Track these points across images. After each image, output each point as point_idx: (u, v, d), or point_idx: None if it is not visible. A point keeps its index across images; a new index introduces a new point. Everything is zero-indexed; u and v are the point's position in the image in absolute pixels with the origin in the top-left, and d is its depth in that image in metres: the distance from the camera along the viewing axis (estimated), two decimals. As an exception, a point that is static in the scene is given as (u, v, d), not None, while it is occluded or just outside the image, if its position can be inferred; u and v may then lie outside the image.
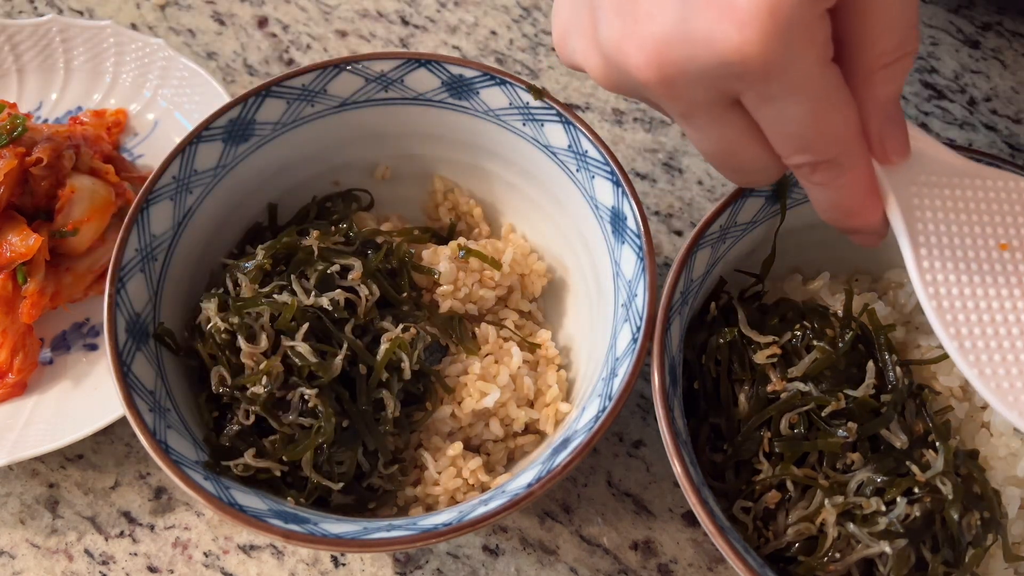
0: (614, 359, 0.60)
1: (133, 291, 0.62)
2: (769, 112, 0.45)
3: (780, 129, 0.46)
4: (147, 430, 0.56)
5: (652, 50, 0.44)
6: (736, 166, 0.51)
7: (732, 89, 0.44)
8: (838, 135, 0.46)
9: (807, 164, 0.47)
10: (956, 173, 0.51)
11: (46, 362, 0.77)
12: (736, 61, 0.41)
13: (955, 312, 0.48)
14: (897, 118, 0.49)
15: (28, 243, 0.74)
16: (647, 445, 0.75)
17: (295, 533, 0.54)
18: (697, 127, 0.48)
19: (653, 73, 0.45)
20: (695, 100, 0.46)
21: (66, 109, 0.91)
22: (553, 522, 0.72)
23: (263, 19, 0.99)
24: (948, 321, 0.48)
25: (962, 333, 0.48)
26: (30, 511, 0.73)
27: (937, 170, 0.51)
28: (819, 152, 0.46)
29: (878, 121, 0.48)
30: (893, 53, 0.46)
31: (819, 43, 0.42)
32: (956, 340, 0.48)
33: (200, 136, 0.66)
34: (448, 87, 0.70)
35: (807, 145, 0.46)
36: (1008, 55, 0.96)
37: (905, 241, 0.49)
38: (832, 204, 0.51)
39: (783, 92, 0.43)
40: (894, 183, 0.50)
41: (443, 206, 0.78)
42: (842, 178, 0.48)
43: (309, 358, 0.61)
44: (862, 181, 0.49)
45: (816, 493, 0.58)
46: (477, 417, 0.67)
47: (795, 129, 0.45)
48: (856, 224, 0.52)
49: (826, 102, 0.44)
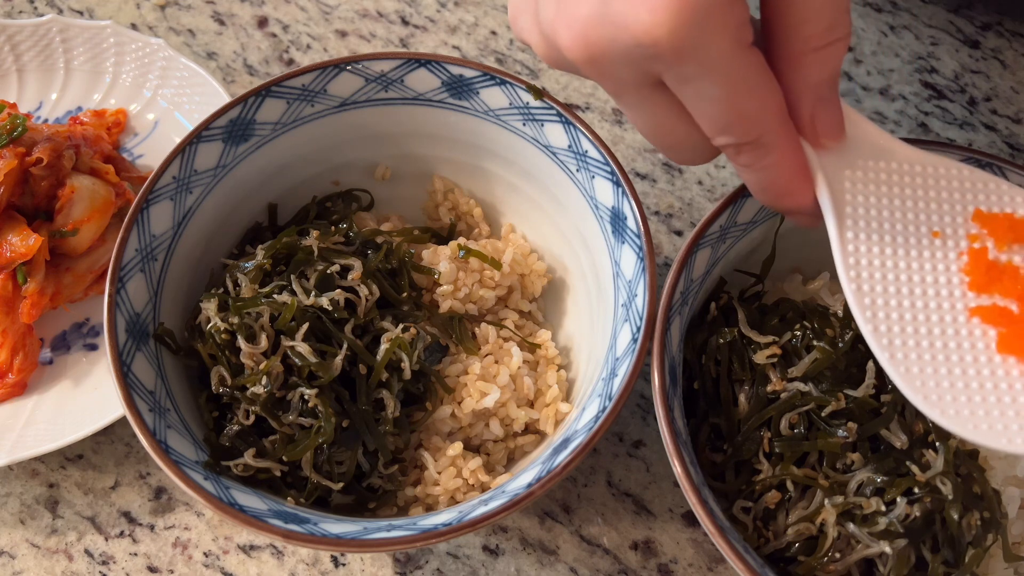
0: (614, 359, 0.60)
1: (133, 291, 0.62)
2: (688, 93, 0.46)
3: (700, 110, 0.47)
4: (147, 430, 0.56)
5: (578, 31, 0.46)
6: (669, 144, 0.52)
7: (652, 70, 0.46)
8: (756, 117, 0.47)
9: (731, 145, 0.48)
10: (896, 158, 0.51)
11: (46, 362, 0.77)
12: (648, 43, 0.43)
13: (875, 296, 0.48)
14: (830, 101, 0.49)
15: (28, 243, 0.74)
16: (647, 445, 0.75)
17: (295, 533, 0.54)
18: (628, 105, 0.50)
19: (580, 53, 0.47)
20: (622, 79, 0.48)
21: (66, 109, 0.91)
22: (553, 522, 0.72)
23: (263, 19, 0.99)
24: (866, 304, 0.48)
25: (879, 317, 0.48)
26: (30, 511, 0.73)
27: (876, 155, 0.51)
28: (739, 134, 0.47)
29: (809, 104, 0.49)
30: (822, 37, 0.47)
31: (732, 26, 0.44)
32: (871, 323, 0.48)
33: (200, 136, 0.66)
34: (448, 87, 0.70)
35: (727, 126, 0.47)
36: (1008, 55, 0.96)
37: (831, 223, 0.50)
38: (761, 185, 0.52)
39: (697, 74, 0.45)
40: (826, 166, 0.50)
41: (443, 206, 0.78)
42: (766, 159, 0.49)
43: (309, 358, 0.61)
44: (788, 163, 0.50)
45: (816, 493, 0.58)
46: (477, 417, 0.67)
47: (713, 110, 0.47)
48: (787, 205, 0.52)
49: (742, 84, 0.45)
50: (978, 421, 0.46)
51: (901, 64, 0.95)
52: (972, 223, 0.50)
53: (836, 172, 0.50)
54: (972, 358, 0.47)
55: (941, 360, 0.47)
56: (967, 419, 0.46)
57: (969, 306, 0.48)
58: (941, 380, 0.47)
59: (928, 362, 0.47)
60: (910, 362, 0.47)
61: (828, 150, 0.50)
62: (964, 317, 0.48)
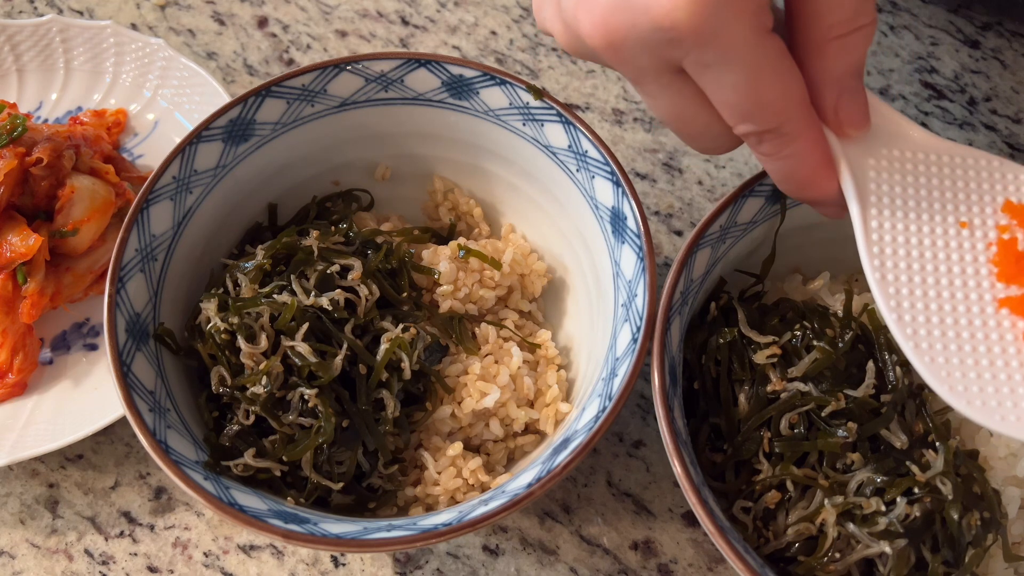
0: (614, 359, 0.60)
1: (133, 291, 0.62)
2: (708, 79, 0.46)
3: (720, 97, 0.47)
4: (147, 430, 0.56)
5: (599, 17, 0.46)
6: (690, 133, 0.52)
7: (672, 56, 0.46)
8: (777, 104, 0.47)
9: (752, 134, 0.48)
10: (922, 148, 0.50)
11: (46, 362, 0.77)
12: (668, 27, 0.43)
13: (899, 285, 0.48)
14: (854, 90, 0.49)
15: (28, 243, 0.74)
16: (647, 445, 0.75)
17: (295, 533, 0.54)
18: (648, 93, 0.50)
19: (600, 39, 0.47)
20: (642, 66, 0.48)
21: (66, 109, 0.91)
22: (553, 522, 0.72)
23: (263, 19, 0.99)
24: (890, 294, 0.47)
25: (903, 306, 0.47)
26: (30, 511, 0.73)
27: (901, 144, 0.50)
28: (760, 122, 0.47)
29: (833, 93, 0.48)
30: (846, 25, 0.46)
31: (751, 12, 0.43)
32: (895, 312, 0.47)
33: (200, 136, 0.66)
34: (448, 87, 0.70)
35: (747, 114, 0.47)
36: (1008, 55, 0.96)
37: (856, 211, 0.49)
38: (782, 175, 0.51)
39: (717, 60, 0.44)
40: (850, 155, 0.49)
41: (443, 206, 0.78)
42: (788, 148, 0.49)
43: (309, 358, 0.61)
44: (811, 152, 0.49)
45: (816, 493, 0.58)
46: (477, 417, 0.67)
47: (733, 97, 0.46)
48: (810, 195, 0.52)
49: (762, 71, 0.45)
50: (1006, 412, 0.45)
51: (901, 64, 0.95)
52: (1002, 213, 0.49)
53: (860, 161, 0.49)
54: (1001, 349, 0.46)
55: (968, 351, 0.47)
56: (994, 410, 0.45)
57: (998, 297, 0.47)
58: (968, 371, 0.46)
59: (954, 352, 0.46)
60: (935, 352, 0.46)
61: (852, 139, 0.50)
62: (993, 308, 0.47)
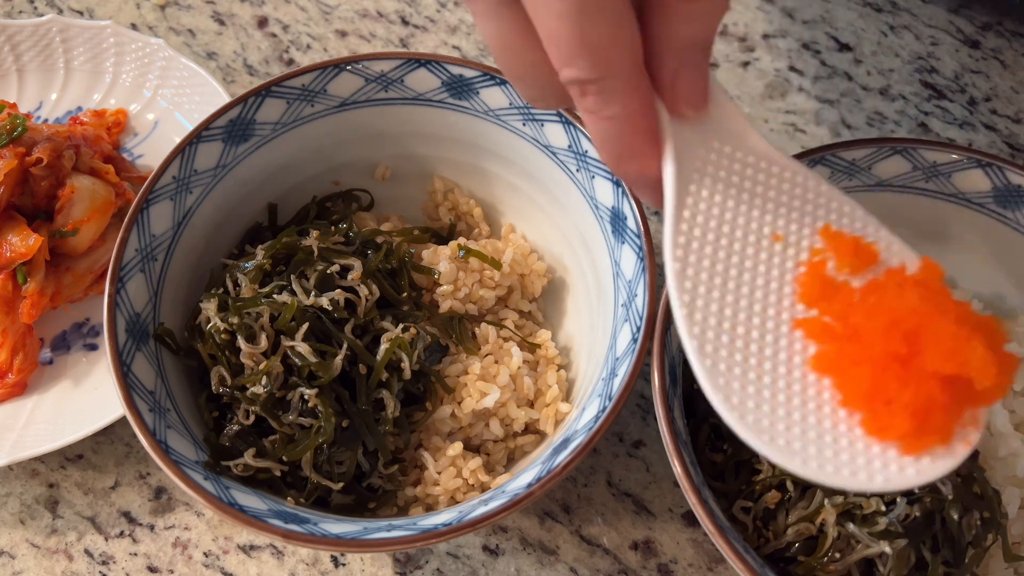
0: (614, 359, 0.60)
1: (133, 291, 0.62)
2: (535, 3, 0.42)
3: (546, 27, 0.43)
4: (147, 430, 0.56)
5: None
6: (518, 74, 0.48)
7: None
8: (604, 49, 0.42)
9: (575, 81, 0.44)
10: (756, 154, 0.48)
11: (46, 362, 0.77)
12: None
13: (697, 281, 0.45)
14: (697, 65, 0.45)
15: (28, 243, 0.74)
16: (647, 445, 0.75)
17: (295, 533, 0.54)
18: (479, 12, 0.46)
19: None
20: None
21: (66, 109, 0.91)
22: (553, 522, 0.72)
23: (263, 19, 0.99)
24: (686, 288, 0.45)
25: (696, 304, 0.45)
26: (30, 511, 0.73)
27: (735, 143, 0.48)
28: (584, 67, 0.43)
29: (673, 61, 0.45)
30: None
31: None
32: (687, 308, 0.45)
33: (200, 136, 0.66)
34: (448, 87, 0.70)
35: (572, 55, 0.43)
36: (1008, 55, 0.96)
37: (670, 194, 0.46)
38: (602, 138, 0.46)
39: None
40: (679, 138, 0.46)
41: (443, 206, 0.78)
42: (611, 107, 0.44)
43: (309, 358, 0.61)
44: (635, 119, 0.45)
45: (816, 493, 0.58)
46: (477, 417, 0.67)
47: (557, 27, 0.42)
48: (628, 169, 0.47)
49: (591, 3, 0.41)
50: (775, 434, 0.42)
51: (901, 64, 0.95)
52: (818, 237, 0.47)
53: (688, 147, 0.46)
54: (786, 370, 0.44)
55: (752, 364, 0.44)
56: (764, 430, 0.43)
57: (796, 316, 0.45)
58: (747, 385, 0.44)
59: (738, 362, 0.44)
60: (719, 358, 0.44)
61: (685, 121, 0.46)
62: (787, 327, 0.45)
